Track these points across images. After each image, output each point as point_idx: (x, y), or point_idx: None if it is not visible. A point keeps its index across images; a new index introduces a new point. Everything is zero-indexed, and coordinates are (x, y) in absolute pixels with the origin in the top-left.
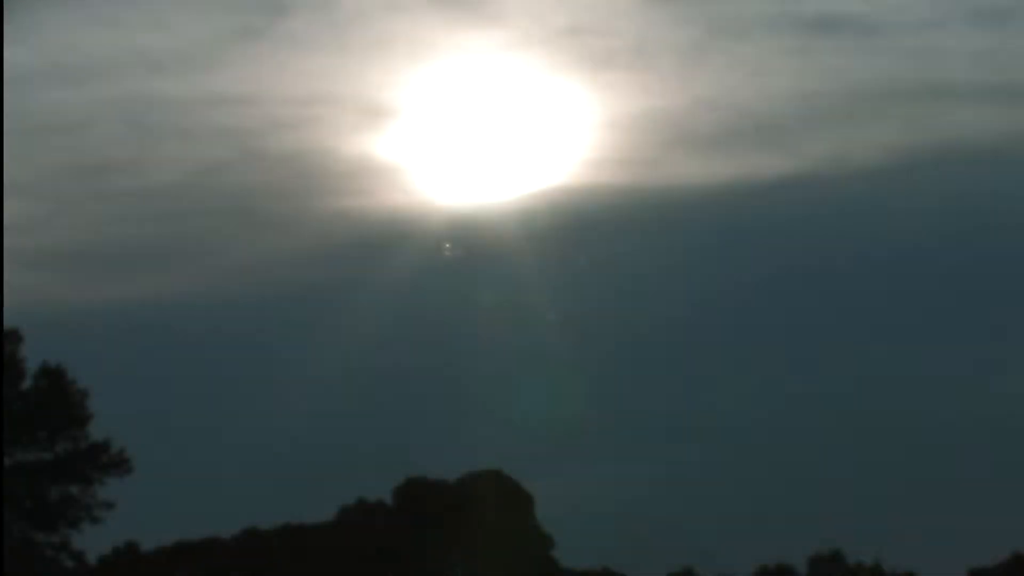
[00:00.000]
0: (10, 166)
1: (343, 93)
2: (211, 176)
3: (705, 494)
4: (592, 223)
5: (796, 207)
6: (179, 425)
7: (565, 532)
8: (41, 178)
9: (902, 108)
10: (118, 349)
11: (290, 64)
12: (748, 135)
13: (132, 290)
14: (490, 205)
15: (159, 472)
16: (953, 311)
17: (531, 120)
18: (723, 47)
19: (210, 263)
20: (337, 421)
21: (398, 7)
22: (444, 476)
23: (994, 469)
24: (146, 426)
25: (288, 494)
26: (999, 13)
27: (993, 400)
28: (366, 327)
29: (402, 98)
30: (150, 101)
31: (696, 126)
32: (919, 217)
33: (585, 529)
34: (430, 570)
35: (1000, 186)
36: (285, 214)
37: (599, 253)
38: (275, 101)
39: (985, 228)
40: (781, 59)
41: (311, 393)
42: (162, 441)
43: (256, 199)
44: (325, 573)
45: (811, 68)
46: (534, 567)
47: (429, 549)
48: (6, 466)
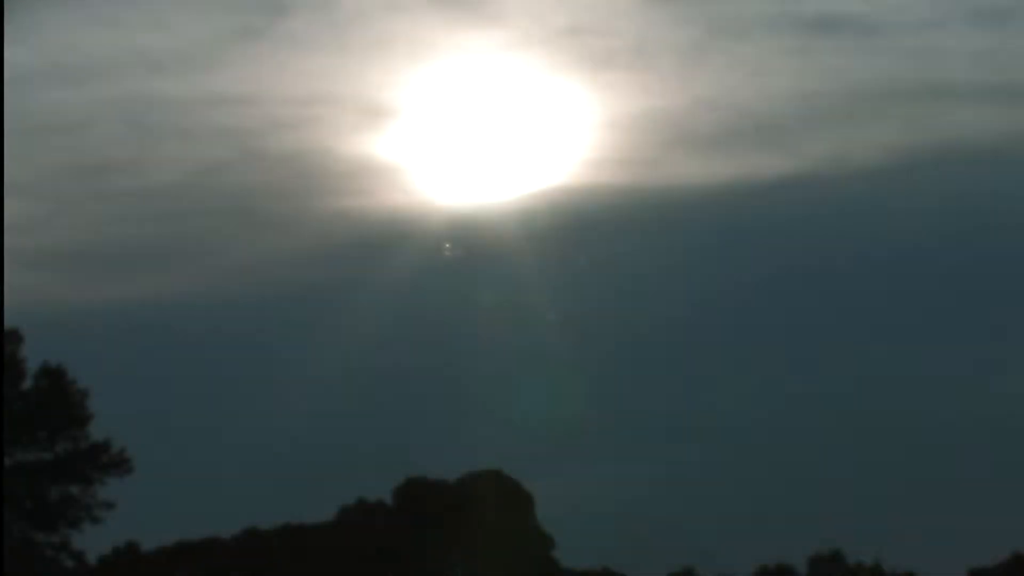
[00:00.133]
0: (10, 166)
1: (343, 93)
2: (211, 176)
3: (705, 494)
4: (592, 223)
5: (796, 207)
6: (179, 425)
7: (565, 532)
8: (41, 178)
9: (902, 108)
10: (118, 349)
11: (290, 64)
12: (748, 135)
13: (132, 290)
14: (490, 205)
15: (159, 472)
16: (953, 311)
17: (531, 120)
18: (723, 47)
19: (210, 263)
20: (337, 421)
21: (398, 7)
22: (444, 476)
23: (994, 469)
24: (146, 426)
25: (288, 494)
26: (999, 13)
27: (993, 400)
28: (366, 327)
29: (402, 98)
30: (150, 101)
31: (696, 126)
32: (919, 217)
33: (585, 529)
34: (430, 570)
35: (1000, 186)
36: (285, 214)
37: (599, 253)
38: (275, 101)
39: (985, 228)
40: (781, 59)
41: (311, 393)
42: (162, 441)
43: (256, 199)
44: (325, 573)
45: (811, 68)
46: (534, 567)
47: (429, 549)
48: (6, 466)
